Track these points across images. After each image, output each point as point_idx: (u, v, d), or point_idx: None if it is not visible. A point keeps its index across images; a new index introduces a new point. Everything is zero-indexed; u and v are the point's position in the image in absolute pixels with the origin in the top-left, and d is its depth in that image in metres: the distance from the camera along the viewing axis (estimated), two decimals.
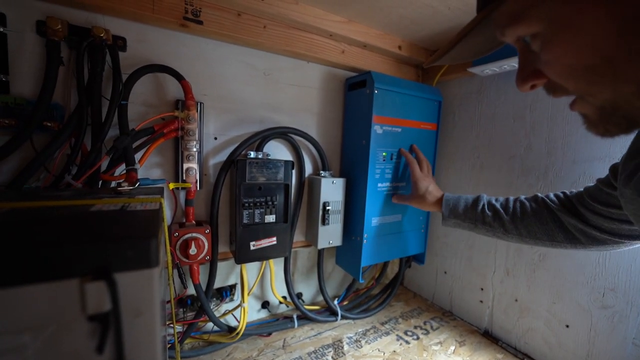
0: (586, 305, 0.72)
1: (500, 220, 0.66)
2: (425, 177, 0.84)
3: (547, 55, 0.27)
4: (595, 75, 0.25)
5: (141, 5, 0.61)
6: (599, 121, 0.29)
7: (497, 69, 0.80)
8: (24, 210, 0.35)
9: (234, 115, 0.79)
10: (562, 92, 0.29)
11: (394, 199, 0.90)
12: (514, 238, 0.65)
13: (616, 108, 0.26)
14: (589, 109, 0.29)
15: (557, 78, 0.28)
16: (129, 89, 0.62)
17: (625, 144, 0.65)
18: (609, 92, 0.26)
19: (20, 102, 0.55)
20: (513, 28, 0.28)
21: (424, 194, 0.80)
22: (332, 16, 0.80)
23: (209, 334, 0.81)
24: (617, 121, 0.27)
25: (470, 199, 0.72)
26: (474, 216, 0.69)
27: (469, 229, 0.72)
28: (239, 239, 0.74)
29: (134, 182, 0.54)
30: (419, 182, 0.82)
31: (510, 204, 0.66)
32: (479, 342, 0.89)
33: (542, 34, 0.27)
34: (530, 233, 0.62)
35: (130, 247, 0.27)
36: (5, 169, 0.56)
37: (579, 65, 0.26)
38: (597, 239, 0.55)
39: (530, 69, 0.30)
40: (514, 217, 0.64)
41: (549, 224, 0.60)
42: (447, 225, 0.75)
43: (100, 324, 0.26)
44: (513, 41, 0.30)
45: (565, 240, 0.59)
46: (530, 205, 0.64)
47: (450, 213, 0.73)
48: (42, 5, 0.56)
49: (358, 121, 0.89)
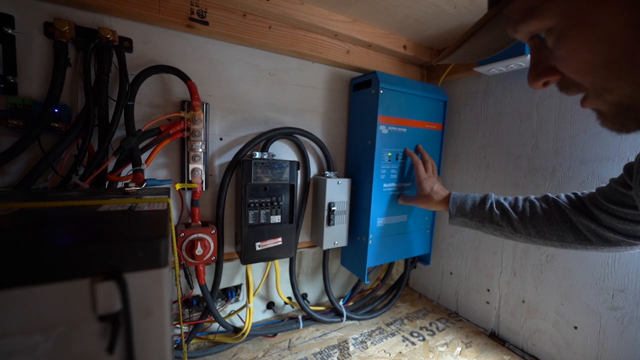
0: (595, 306, 0.71)
1: (508, 219, 0.65)
2: (429, 177, 0.84)
3: (562, 51, 0.26)
4: (614, 69, 0.24)
5: (147, 7, 0.61)
6: (616, 117, 0.28)
7: (503, 68, 0.80)
8: (33, 210, 0.35)
9: (239, 116, 0.79)
10: (576, 89, 0.29)
11: (400, 200, 0.90)
12: (522, 238, 0.64)
13: (635, 103, 0.26)
14: (604, 105, 0.28)
15: (572, 74, 0.27)
16: (136, 90, 0.63)
17: (635, 143, 0.64)
18: (628, 86, 0.25)
19: (28, 103, 0.56)
20: (527, 23, 0.27)
21: (429, 193, 0.80)
22: (337, 16, 0.79)
23: (215, 334, 0.81)
24: (635, 116, 0.26)
25: (478, 198, 0.71)
26: (482, 214, 0.68)
27: (476, 228, 0.71)
28: (245, 240, 0.74)
29: (140, 183, 0.54)
30: (424, 182, 0.82)
31: (519, 204, 0.65)
32: (485, 344, 0.88)
33: (557, 29, 0.26)
34: (539, 233, 0.61)
35: (141, 248, 0.27)
36: (14, 170, 0.57)
37: (597, 60, 0.25)
38: (610, 241, 0.53)
39: (544, 66, 0.29)
40: (523, 217, 0.63)
41: (559, 224, 0.59)
42: (454, 224, 0.74)
43: (111, 324, 0.26)
44: (526, 38, 0.29)
45: (576, 241, 0.58)
46: (540, 205, 0.63)
47: (457, 211, 0.73)
48: (49, 6, 0.57)
49: (363, 121, 0.88)
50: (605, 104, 0.28)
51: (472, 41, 0.34)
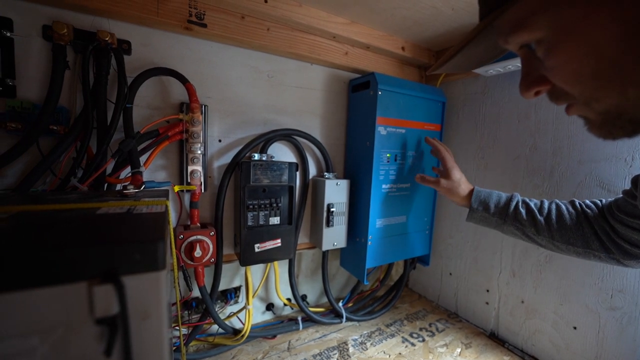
0: (594, 306, 0.71)
1: (533, 220, 0.62)
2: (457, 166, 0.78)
3: (552, 61, 0.27)
4: (602, 80, 0.25)
5: (146, 9, 0.61)
6: (603, 125, 0.28)
7: (501, 69, 0.80)
8: (32, 213, 0.35)
9: (238, 118, 0.79)
10: (565, 98, 0.29)
11: (418, 178, 0.81)
12: (544, 240, 0.62)
13: (622, 112, 0.26)
14: (591, 114, 0.28)
15: (562, 84, 0.28)
16: (134, 92, 0.63)
17: (633, 143, 0.65)
18: (616, 96, 0.25)
19: (27, 105, 0.56)
20: (517, 35, 0.28)
21: (459, 182, 0.74)
22: (335, 18, 0.80)
23: (214, 336, 0.81)
24: (622, 125, 0.27)
25: (504, 195, 0.69)
26: (505, 212, 0.66)
27: (495, 225, 0.68)
28: (244, 241, 0.74)
29: (139, 185, 0.55)
30: (454, 170, 0.76)
31: (545, 205, 0.64)
32: (485, 344, 0.88)
33: (547, 40, 0.27)
34: (563, 237, 0.59)
35: (138, 250, 0.27)
36: (12, 172, 0.57)
37: (585, 71, 0.25)
38: (628, 253, 0.53)
39: (535, 76, 0.30)
40: (549, 219, 0.61)
41: (585, 230, 0.57)
42: (472, 220, 0.72)
43: (108, 326, 0.26)
44: (516, 48, 0.30)
45: (601, 249, 0.56)
46: (567, 208, 0.61)
47: (479, 205, 0.70)
48: (48, 10, 0.57)
49: (362, 122, 0.89)
50: (593, 113, 0.28)
51: (465, 52, 0.34)
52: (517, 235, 0.66)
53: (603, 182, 0.69)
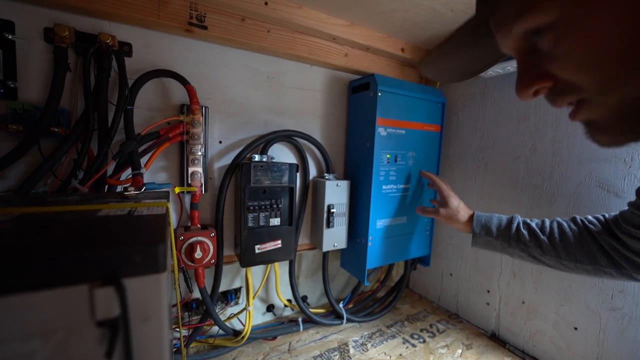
0: (595, 307, 0.71)
1: (536, 240, 0.61)
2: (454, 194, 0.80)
3: (564, 46, 0.24)
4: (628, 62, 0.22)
5: (147, 12, 0.61)
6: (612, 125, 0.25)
7: (500, 70, 0.80)
8: (33, 215, 0.36)
9: (238, 119, 0.79)
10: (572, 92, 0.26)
11: (419, 210, 0.85)
12: (552, 260, 0.60)
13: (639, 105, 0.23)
14: (600, 112, 0.25)
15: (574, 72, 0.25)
16: (135, 94, 0.63)
17: None
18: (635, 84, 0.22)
19: (28, 108, 0.56)
20: (525, 19, 0.25)
21: (457, 209, 0.76)
22: (335, 20, 0.80)
23: (215, 337, 0.81)
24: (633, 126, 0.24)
25: (504, 218, 0.68)
26: (508, 234, 0.65)
27: (501, 249, 0.67)
28: (244, 242, 0.74)
29: (140, 187, 0.55)
30: (451, 197, 0.78)
31: (546, 224, 0.63)
32: (486, 345, 0.88)
33: (560, 23, 0.23)
34: (569, 255, 0.58)
35: (139, 253, 0.27)
36: (13, 174, 0.57)
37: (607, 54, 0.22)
38: (638, 265, 0.51)
39: (535, 73, 0.27)
40: (552, 238, 0.60)
41: (590, 246, 0.56)
42: (477, 245, 0.71)
43: (109, 329, 0.26)
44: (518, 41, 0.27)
45: (610, 265, 0.54)
46: (569, 226, 0.60)
47: (481, 230, 0.69)
48: (49, 12, 0.57)
49: (362, 123, 0.89)
50: (603, 109, 0.25)
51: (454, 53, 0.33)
52: (523, 257, 0.64)
53: (603, 182, 0.69)
